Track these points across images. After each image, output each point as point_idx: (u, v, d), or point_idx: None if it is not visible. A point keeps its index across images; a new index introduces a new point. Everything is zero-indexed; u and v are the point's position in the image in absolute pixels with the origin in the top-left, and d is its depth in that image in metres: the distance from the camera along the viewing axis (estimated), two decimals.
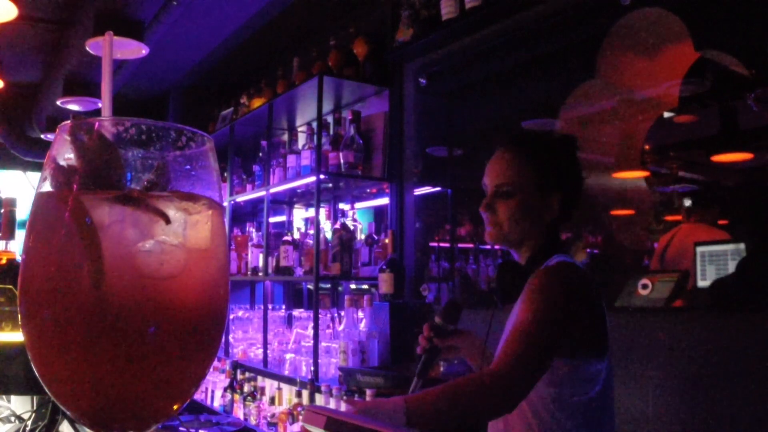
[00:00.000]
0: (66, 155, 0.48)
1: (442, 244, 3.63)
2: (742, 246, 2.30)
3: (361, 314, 3.21)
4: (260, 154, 4.08)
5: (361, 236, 3.48)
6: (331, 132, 3.53)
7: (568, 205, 1.61)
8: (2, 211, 1.18)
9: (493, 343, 1.66)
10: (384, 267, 3.11)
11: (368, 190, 3.80)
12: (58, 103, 4.37)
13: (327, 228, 3.46)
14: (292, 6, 3.80)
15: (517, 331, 1.44)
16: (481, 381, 1.38)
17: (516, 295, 1.59)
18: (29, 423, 1.20)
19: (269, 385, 3.67)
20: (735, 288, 2.16)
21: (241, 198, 4.26)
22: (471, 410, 1.38)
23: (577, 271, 1.55)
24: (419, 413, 1.33)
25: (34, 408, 1.24)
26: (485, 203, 1.62)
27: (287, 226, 4.39)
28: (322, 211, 3.46)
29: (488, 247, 3.80)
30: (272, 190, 3.83)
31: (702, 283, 2.35)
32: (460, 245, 3.74)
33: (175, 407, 0.49)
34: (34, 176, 6.51)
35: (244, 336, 4.26)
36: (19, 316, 0.48)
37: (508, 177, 1.59)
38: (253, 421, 3.64)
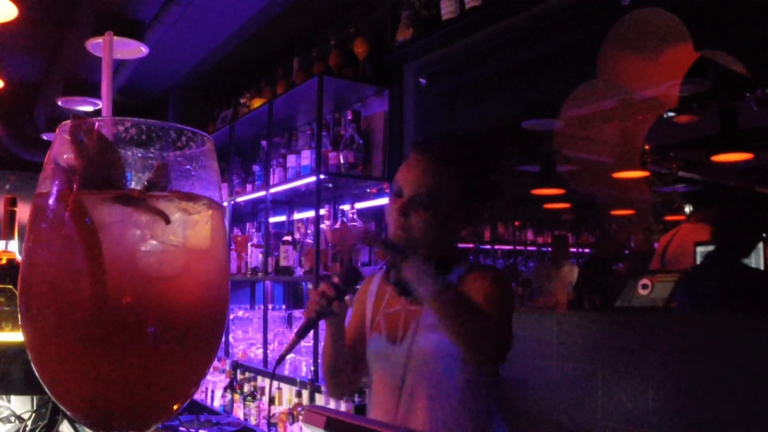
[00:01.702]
0: (66, 155, 0.48)
1: None
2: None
3: None
4: (260, 154, 4.07)
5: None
6: (331, 132, 3.52)
7: (481, 215, 1.63)
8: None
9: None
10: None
11: (368, 190, 3.80)
12: (58, 103, 4.37)
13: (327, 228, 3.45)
14: (292, 6, 3.80)
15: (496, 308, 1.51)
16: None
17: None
18: (29, 423, 1.20)
19: (269, 385, 3.66)
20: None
21: (241, 198, 4.26)
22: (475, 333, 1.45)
23: None
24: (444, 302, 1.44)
25: (34, 408, 1.24)
26: (401, 209, 1.53)
27: (287, 226, 4.39)
28: (322, 211, 3.46)
29: (488, 246, 3.80)
30: (272, 190, 3.83)
31: None
32: (459, 245, 3.73)
33: (175, 407, 0.49)
34: (34, 176, 6.50)
35: (244, 336, 4.25)
36: (19, 316, 0.47)
37: (425, 187, 1.52)
38: (253, 421, 3.64)
